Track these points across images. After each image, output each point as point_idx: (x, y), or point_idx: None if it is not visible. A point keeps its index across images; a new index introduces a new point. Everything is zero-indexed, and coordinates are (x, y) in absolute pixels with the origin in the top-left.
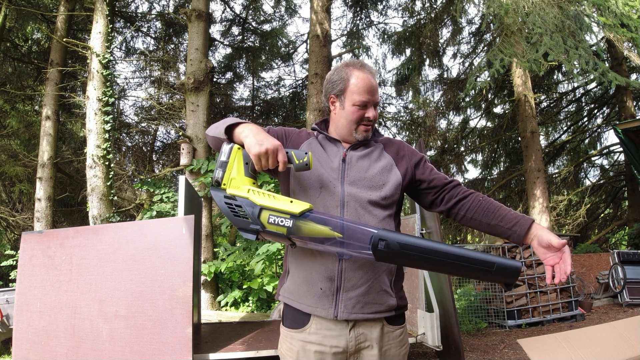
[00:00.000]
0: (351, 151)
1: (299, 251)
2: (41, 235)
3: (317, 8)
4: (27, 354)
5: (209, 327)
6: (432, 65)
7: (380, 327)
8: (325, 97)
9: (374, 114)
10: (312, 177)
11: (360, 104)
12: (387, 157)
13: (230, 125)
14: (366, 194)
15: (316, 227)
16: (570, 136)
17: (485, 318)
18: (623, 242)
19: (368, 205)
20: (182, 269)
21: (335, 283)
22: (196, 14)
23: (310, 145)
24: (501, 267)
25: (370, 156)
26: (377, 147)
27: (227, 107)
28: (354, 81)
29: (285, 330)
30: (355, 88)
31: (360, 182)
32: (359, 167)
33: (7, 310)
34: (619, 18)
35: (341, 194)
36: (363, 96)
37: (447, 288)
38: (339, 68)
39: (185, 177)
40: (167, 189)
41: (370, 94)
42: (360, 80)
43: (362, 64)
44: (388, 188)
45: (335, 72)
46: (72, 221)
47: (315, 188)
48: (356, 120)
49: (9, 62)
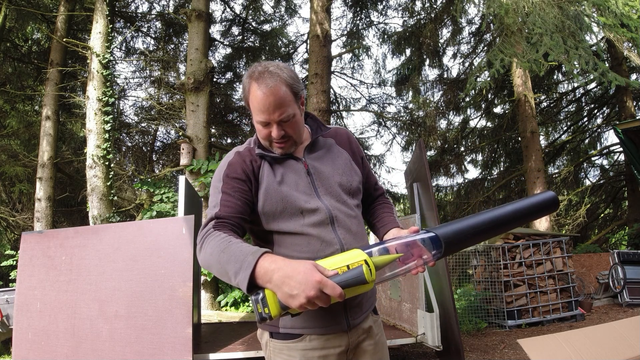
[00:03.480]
0: (309, 159)
1: None
2: (41, 236)
3: (317, 8)
4: (27, 354)
5: (209, 327)
6: (432, 65)
7: (370, 318)
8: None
9: (277, 134)
10: (286, 201)
11: (263, 122)
12: (342, 152)
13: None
14: (344, 202)
15: (380, 259)
16: (570, 136)
17: (485, 318)
18: (623, 242)
19: (349, 210)
20: (182, 269)
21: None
22: (196, 14)
23: (266, 169)
24: (540, 205)
25: (328, 156)
26: (329, 144)
27: (227, 107)
28: (252, 98)
29: (279, 343)
30: (255, 107)
31: (333, 189)
32: (325, 175)
33: (7, 310)
34: (619, 18)
35: (325, 209)
36: (260, 116)
37: (447, 288)
38: (244, 77)
39: (185, 177)
40: (167, 189)
41: (268, 113)
42: (255, 99)
43: (260, 75)
44: (356, 186)
45: (242, 85)
46: (72, 221)
47: (294, 214)
48: (265, 138)
49: (9, 62)
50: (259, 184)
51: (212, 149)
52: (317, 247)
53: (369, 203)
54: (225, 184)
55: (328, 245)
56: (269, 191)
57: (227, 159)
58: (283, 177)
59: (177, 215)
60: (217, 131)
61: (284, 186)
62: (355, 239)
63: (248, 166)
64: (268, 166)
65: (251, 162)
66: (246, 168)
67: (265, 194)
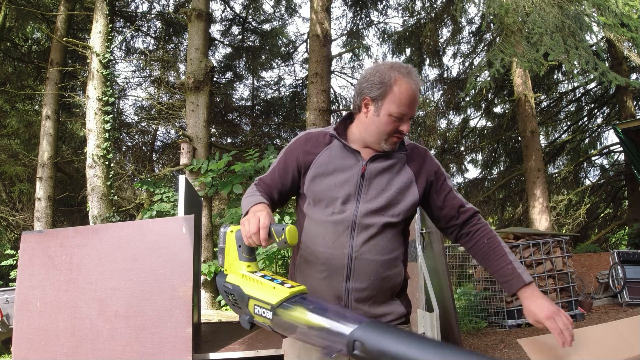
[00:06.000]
0: (371, 164)
1: (304, 265)
2: (41, 235)
3: (317, 8)
4: (27, 354)
5: (209, 327)
6: (432, 65)
7: None
8: (358, 95)
9: (407, 128)
10: (327, 193)
11: (398, 116)
12: (408, 171)
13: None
14: (381, 217)
15: (296, 315)
16: (570, 136)
17: (485, 318)
18: (623, 242)
19: (381, 227)
20: (182, 269)
21: (342, 301)
22: (196, 14)
23: (328, 154)
24: None
25: (391, 170)
26: (399, 160)
27: (227, 107)
28: (396, 89)
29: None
30: (397, 98)
31: (377, 201)
32: (378, 185)
33: (7, 309)
34: (619, 18)
35: (354, 214)
36: (402, 108)
37: (447, 288)
38: (381, 69)
39: (185, 176)
40: (167, 189)
41: (410, 107)
42: (404, 91)
43: (410, 71)
44: (403, 207)
45: (377, 73)
46: (72, 221)
47: (328, 206)
48: (389, 132)
49: (9, 62)
50: (309, 167)
51: (212, 149)
52: (328, 244)
53: (457, 228)
54: (281, 158)
55: (339, 247)
56: (315, 179)
57: (298, 136)
58: (335, 170)
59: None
60: (217, 131)
61: (330, 178)
62: (373, 253)
63: (314, 137)
64: (329, 152)
65: (315, 144)
66: (311, 139)
67: (310, 180)
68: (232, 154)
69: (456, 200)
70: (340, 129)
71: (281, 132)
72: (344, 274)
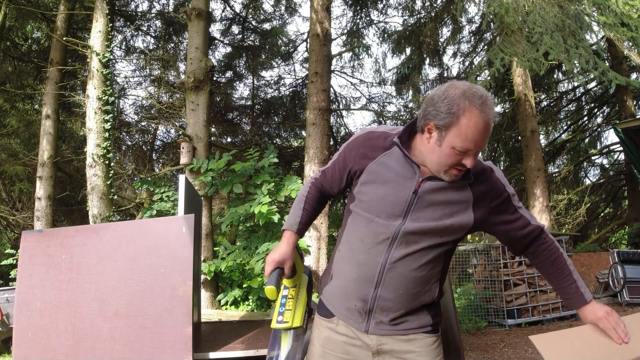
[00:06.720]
0: (426, 183)
1: (341, 261)
2: (41, 234)
3: (317, 7)
4: (27, 353)
5: (209, 326)
6: (432, 64)
7: (403, 342)
8: (423, 117)
9: (472, 163)
10: (375, 202)
11: (463, 150)
12: (467, 193)
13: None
14: (424, 237)
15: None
16: (570, 135)
17: (485, 317)
18: (623, 242)
19: (422, 247)
20: (182, 268)
21: (368, 305)
22: (196, 13)
23: (385, 161)
24: None
25: (447, 190)
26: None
27: (227, 106)
28: (464, 122)
29: (317, 318)
30: (463, 132)
31: (424, 221)
32: (429, 205)
33: (7, 309)
34: (619, 17)
35: (397, 229)
36: (467, 144)
37: (447, 287)
38: (451, 95)
39: (185, 176)
40: (167, 188)
41: (476, 144)
42: (473, 125)
43: (484, 101)
44: (452, 230)
45: (446, 100)
46: (72, 220)
47: (373, 213)
48: (450, 164)
49: (8, 61)
50: (362, 172)
51: (212, 148)
52: (365, 248)
53: (521, 247)
54: (341, 154)
55: (375, 255)
56: (365, 185)
57: (359, 132)
58: (388, 180)
59: (177, 214)
60: (217, 130)
61: (381, 188)
62: (408, 269)
63: (374, 139)
64: (386, 159)
65: (374, 147)
66: (362, 153)
67: (361, 185)
68: (232, 153)
69: (521, 220)
70: (404, 137)
71: (281, 132)
72: (374, 281)
